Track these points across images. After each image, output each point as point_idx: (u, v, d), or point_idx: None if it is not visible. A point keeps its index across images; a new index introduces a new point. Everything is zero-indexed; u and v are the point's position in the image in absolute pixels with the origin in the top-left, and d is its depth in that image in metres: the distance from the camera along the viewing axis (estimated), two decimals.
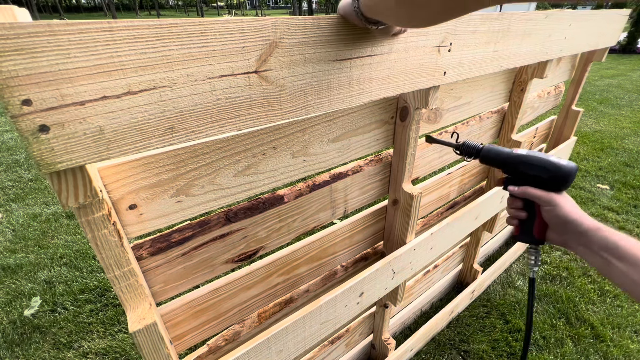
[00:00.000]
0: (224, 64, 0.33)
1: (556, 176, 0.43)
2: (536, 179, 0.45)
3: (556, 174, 0.43)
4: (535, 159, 0.46)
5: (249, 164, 0.51)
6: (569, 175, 0.43)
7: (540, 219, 0.45)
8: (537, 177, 0.45)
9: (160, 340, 0.43)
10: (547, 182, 0.44)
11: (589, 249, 0.40)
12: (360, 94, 0.46)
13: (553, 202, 0.43)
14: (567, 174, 0.43)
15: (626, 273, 0.34)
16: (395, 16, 0.33)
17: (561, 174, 0.43)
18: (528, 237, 0.48)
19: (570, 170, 0.43)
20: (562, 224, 0.42)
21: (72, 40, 0.25)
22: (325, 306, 0.64)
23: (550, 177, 0.44)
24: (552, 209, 0.43)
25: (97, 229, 0.36)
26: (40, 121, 0.26)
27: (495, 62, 0.69)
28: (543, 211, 0.44)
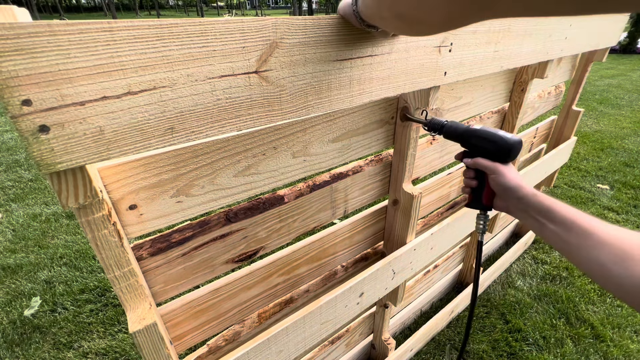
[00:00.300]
0: (224, 64, 0.33)
1: (502, 148, 0.48)
2: (486, 151, 0.50)
3: (502, 146, 0.48)
4: (485, 132, 0.51)
5: (249, 164, 0.51)
6: (512, 147, 0.48)
7: (488, 187, 0.51)
8: (487, 150, 0.50)
9: (161, 340, 0.43)
10: (495, 154, 0.49)
11: (527, 213, 0.44)
12: (360, 94, 0.46)
13: (497, 170, 0.48)
14: (511, 146, 0.48)
15: (557, 233, 0.38)
16: (393, 28, 0.34)
17: (506, 146, 0.48)
18: (478, 204, 0.54)
19: (513, 143, 0.48)
20: (504, 190, 0.48)
21: (72, 40, 0.25)
22: (326, 306, 0.64)
23: (496, 149, 0.49)
24: (496, 177, 0.49)
25: (97, 229, 0.36)
26: (40, 121, 0.26)
27: (496, 62, 0.69)
28: (490, 179, 0.50)
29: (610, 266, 0.32)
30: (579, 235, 0.36)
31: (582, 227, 0.36)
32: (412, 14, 0.25)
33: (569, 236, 0.37)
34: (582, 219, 0.37)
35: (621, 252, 0.31)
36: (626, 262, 0.31)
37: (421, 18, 0.26)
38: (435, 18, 0.24)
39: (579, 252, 0.35)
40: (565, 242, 0.37)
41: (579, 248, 0.35)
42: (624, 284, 0.30)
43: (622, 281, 0.31)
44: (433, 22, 0.26)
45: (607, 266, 0.32)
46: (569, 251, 0.37)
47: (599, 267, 0.33)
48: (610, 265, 0.32)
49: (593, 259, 0.33)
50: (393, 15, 0.28)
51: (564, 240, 0.37)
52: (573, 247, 0.36)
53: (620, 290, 0.31)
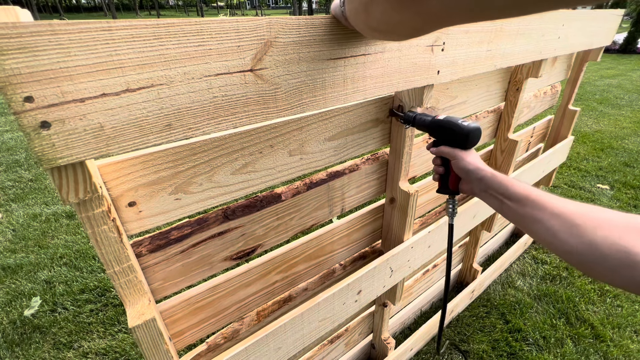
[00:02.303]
0: (220, 62, 0.34)
1: (460, 134, 0.52)
2: (448, 139, 0.54)
3: (459, 133, 0.52)
4: (445, 122, 0.54)
5: (246, 162, 0.51)
6: (469, 134, 0.51)
7: (453, 173, 0.54)
8: (448, 138, 0.54)
9: (159, 335, 0.44)
10: (455, 141, 0.53)
11: (487, 192, 0.47)
12: (354, 92, 0.47)
13: (457, 156, 0.52)
14: (467, 133, 0.51)
15: (513, 209, 0.42)
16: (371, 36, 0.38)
17: (463, 132, 0.51)
18: (445, 189, 0.58)
19: (470, 130, 0.51)
20: (465, 173, 0.51)
21: (73, 39, 0.26)
22: (323, 303, 0.65)
23: (455, 136, 0.53)
24: (456, 161, 0.52)
25: (97, 225, 0.37)
26: (41, 117, 0.27)
27: (489, 62, 0.69)
28: (452, 165, 0.53)
29: (561, 234, 0.35)
30: (533, 208, 0.39)
31: (535, 202, 0.39)
32: (383, 28, 0.29)
33: (524, 210, 0.40)
34: (535, 194, 0.40)
35: (570, 221, 0.35)
36: (574, 229, 0.34)
37: (391, 31, 0.29)
38: (403, 31, 0.27)
39: (534, 224, 0.38)
40: (521, 216, 0.40)
41: (534, 221, 0.38)
42: (573, 248, 0.34)
43: (571, 247, 0.34)
44: (402, 33, 0.30)
45: (559, 234, 0.35)
46: (524, 224, 0.40)
47: (552, 236, 0.36)
48: (561, 233, 0.35)
49: (546, 229, 0.36)
50: (368, 28, 0.31)
51: (520, 215, 0.41)
52: (528, 220, 0.39)
53: (571, 254, 0.34)
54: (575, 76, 1.31)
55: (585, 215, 0.35)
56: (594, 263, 0.32)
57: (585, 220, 0.34)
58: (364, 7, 0.27)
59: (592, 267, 0.33)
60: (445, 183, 0.57)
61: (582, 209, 0.36)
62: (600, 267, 0.32)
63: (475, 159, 0.51)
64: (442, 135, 0.55)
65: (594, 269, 0.33)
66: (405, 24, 0.25)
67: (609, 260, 0.31)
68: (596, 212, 0.35)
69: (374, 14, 0.26)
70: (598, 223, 0.33)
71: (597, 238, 0.32)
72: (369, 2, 0.26)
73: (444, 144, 0.55)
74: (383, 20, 0.27)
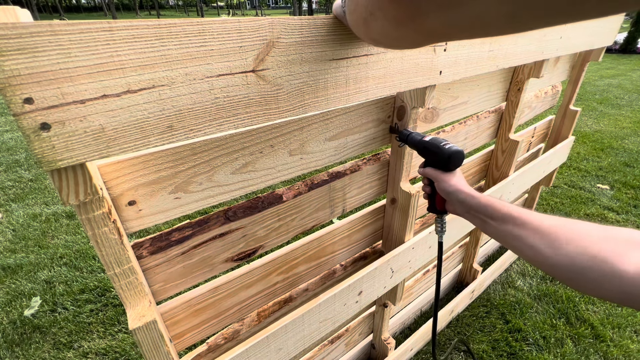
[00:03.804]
0: (222, 63, 0.33)
1: (442, 158, 0.52)
2: (432, 160, 0.55)
3: (442, 156, 0.52)
4: (430, 144, 0.55)
5: (247, 162, 0.51)
6: (450, 157, 0.52)
7: (438, 194, 0.55)
8: (432, 159, 0.55)
9: (160, 338, 0.43)
10: (438, 163, 0.53)
11: (470, 213, 0.48)
12: (356, 93, 0.47)
13: (439, 178, 0.53)
14: (449, 156, 0.52)
15: (496, 227, 0.42)
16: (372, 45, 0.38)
17: (445, 156, 0.52)
18: (433, 209, 0.58)
19: (451, 154, 0.52)
20: (447, 195, 0.52)
21: (73, 39, 0.26)
22: (324, 304, 0.64)
23: (438, 158, 0.53)
24: (438, 184, 0.53)
25: (98, 227, 0.36)
26: (41, 119, 0.27)
27: (491, 62, 0.69)
28: (436, 186, 0.54)
29: (543, 249, 0.35)
30: (515, 225, 0.39)
31: (516, 219, 0.40)
32: (383, 40, 0.29)
33: (506, 228, 0.40)
34: (516, 211, 0.41)
35: (549, 235, 0.35)
36: (555, 244, 0.34)
37: (391, 43, 0.29)
38: (403, 44, 0.28)
39: (516, 241, 0.39)
40: (504, 234, 0.41)
41: (515, 238, 0.39)
42: (555, 262, 0.34)
43: (553, 260, 0.34)
44: (402, 46, 0.30)
45: (541, 250, 0.35)
46: (508, 242, 0.40)
47: (534, 252, 0.36)
48: (543, 248, 0.35)
49: (528, 245, 0.37)
50: (369, 38, 0.32)
51: (503, 233, 0.41)
52: (510, 238, 0.40)
53: (554, 268, 0.34)
54: (576, 76, 1.31)
55: (562, 229, 0.35)
56: (577, 275, 0.32)
57: (563, 233, 0.34)
58: (363, 21, 0.27)
59: (575, 280, 0.32)
60: (433, 203, 0.57)
61: (560, 222, 0.36)
62: (583, 280, 0.32)
63: (458, 180, 0.52)
64: (427, 156, 0.56)
65: (577, 282, 0.32)
66: (405, 39, 0.26)
67: (590, 272, 0.31)
68: (573, 224, 0.35)
69: (373, 28, 0.26)
70: (575, 235, 0.33)
71: (574, 249, 0.32)
72: (368, 17, 0.26)
73: (430, 165, 0.56)
74: (383, 34, 0.27)
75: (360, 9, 0.26)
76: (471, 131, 1.00)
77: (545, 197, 2.17)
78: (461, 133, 0.96)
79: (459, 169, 0.53)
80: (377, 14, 0.24)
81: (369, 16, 0.25)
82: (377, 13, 0.24)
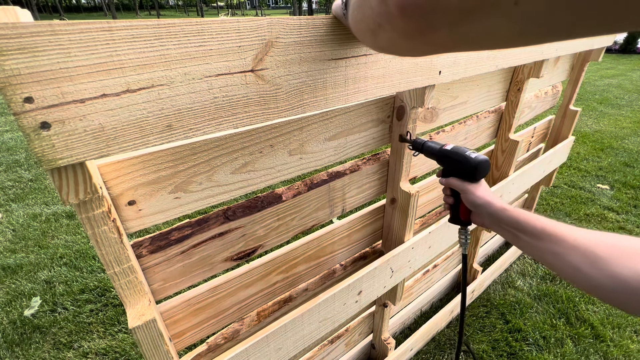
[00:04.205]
0: (221, 62, 0.34)
1: (467, 168, 0.50)
2: (456, 170, 0.53)
3: (467, 166, 0.50)
4: (453, 153, 0.53)
5: (246, 162, 0.51)
6: (477, 167, 0.50)
7: (463, 204, 0.53)
8: (456, 168, 0.52)
9: (160, 336, 0.43)
10: (463, 173, 0.51)
11: (500, 227, 0.46)
12: (355, 93, 0.47)
13: (466, 189, 0.51)
14: (475, 166, 0.50)
15: (530, 243, 0.40)
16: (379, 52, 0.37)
17: (470, 166, 0.50)
18: (457, 220, 0.56)
19: (478, 163, 0.50)
20: (475, 207, 0.50)
21: (73, 39, 0.26)
22: (324, 304, 0.64)
23: (463, 168, 0.51)
24: (466, 195, 0.51)
25: (97, 226, 0.37)
26: (41, 118, 0.27)
27: (491, 62, 0.69)
28: (462, 197, 0.52)
29: (584, 268, 0.33)
30: (551, 242, 0.37)
31: (552, 235, 0.38)
32: (392, 50, 0.29)
33: (541, 244, 0.38)
34: (551, 226, 0.39)
35: (591, 254, 0.33)
36: (597, 263, 0.32)
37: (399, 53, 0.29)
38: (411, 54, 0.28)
39: (554, 259, 0.37)
40: (539, 251, 0.39)
41: (553, 255, 0.37)
42: (599, 283, 0.32)
43: (597, 281, 0.32)
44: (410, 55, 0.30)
45: (582, 269, 0.33)
46: (544, 259, 0.38)
47: (575, 270, 0.34)
48: (584, 267, 0.33)
49: (567, 263, 0.35)
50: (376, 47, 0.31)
51: (538, 249, 0.39)
52: (548, 255, 0.38)
53: (597, 289, 0.32)
54: (576, 76, 1.31)
55: (607, 246, 0.32)
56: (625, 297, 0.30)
57: (608, 251, 0.32)
58: (371, 32, 0.27)
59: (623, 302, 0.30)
60: (457, 214, 0.54)
61: (604, 238, 0.33)
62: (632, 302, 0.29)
63: (485, 192, 0.50)
64: (450, 166, 0.54)
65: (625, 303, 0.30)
66: (414, 50, 0.26)
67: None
68: (619, 240, 0.32)
69: (382, 39, 0.26)
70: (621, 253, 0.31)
71: (622, 270, 0.30)
72: (376, 29, 0.25)
73: (452, 175, 0.53)
74: (391, 44, 0.27)
75: (368, 20, 0.26)
76: (471, 131, 1.00)
77: (545, 197, 2.17)
78: (461, 133, 0.96)
79: (483, 179, 0.52)
80: (386, 27, 0.24)
81: (377, 28, 0.25)
82: (385, 26, 0.24)
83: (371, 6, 0.24)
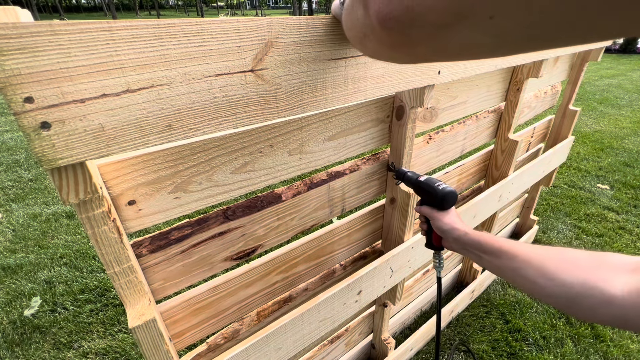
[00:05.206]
0: (220, 62, 0.34)
1: (436, 198, 0.55)
2: (428, 199, 0.57)
3: (435, 196, 0.55)
4: (424, 184, 0.58)
5: (246, 162, 0.51)
6: (444, 197, 0.54)
7: (434, 230, 0.57)
8: (428, 198, 0.57)
9: (160, 336, 0.44)
10: (433, 202, 0.56)
11: (466, 250, 0.49)
12: (355, 93, 0.47)
13: (434, 216, 0.55)
14: (442, 197, 0.54)
15: (490, 262, 0.44)
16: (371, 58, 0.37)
17: (438, 196, 0.55)
18: (430, 245, 0.60)
19: (445, 194, 0.54)
20: (442, 232, 0.54)
21: (73, 39, 0.26)
22: (324, 304, 0.65)
23: (432, 198, 0.56)
24: (433, 222, 0.55)
25: (97, 226, 0.37)
26: (41, 118, 0.27)
27: (490, 62, 0.69)
28: (432, 224, 0.56)
29: (537, 280, 0.36)
30: (508, 259, 0.41)
31: (507, 252, 0.41)
32: (379, 57, 0.31)
33: (500, 262, 0.42)
34: (507, 245, 0.42)
35: (542, 266, 0.36)
36: (547, 274, 0.35)
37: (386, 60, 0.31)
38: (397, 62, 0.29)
39: (512, 274, 0.40)
40: (499, 268, 0.42)
41: (511, 270, 0.40)
42: (552, 292, 0.35)
43: (550, 291, 0.35)
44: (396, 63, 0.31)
45: (535, 280, 0.36)
46: (505, 275, 0.41)
47: (530, 283, 0.37)
48: (537, 279, 0.36)
49: (524, 277, 0.38)
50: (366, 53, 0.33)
51: (498, 267, 0.42)
52: (507, 271, 0.41)
53: (551, 297, 0.35)
54: (575, 76, 1.31)
55: (553, 258, 0.36)
56: (573, 304, 0.33)
57: (552, 263, 0.35)
58: (359, 40, 0.29)
59: (573, 308, 0.33)
60: (430, 239, 0.59)
61: (549, 252, 0.37)
62: (580, 308, 0.32)
63: (452, 218, 0.54)
64: (423, 195, 0.59)
65: (575, 309, 0.33)
66: (398, 59, 0.28)
67: (585, 299, 0.32)
68: (562, 253, 0.36)
69: (369, 47, 0.28)
70: (566, 264, 0.34)
71: (567, 278, 0.33)
72: (363, 37, 0.27)
73: (425, 203, 0.58)
74: (378, 53, 0.29)
75: (357, 30, 0.28)
76: (470, 131, 1.00)
77: (545, 197, 2.17)
78: (460, 133, 0.96)
79: (453, 207, 0.56)
80: (371, 37, 0.25)
81: (364, 37, 0.26)
82: (370, 36, 0.25)
83: (357, 17, 0.26)
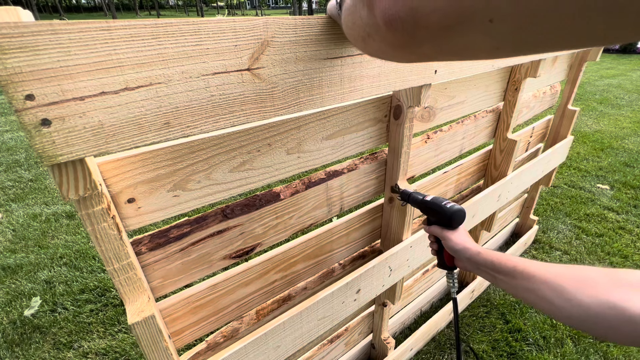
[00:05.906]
0: (217, 61, 0.34)
1: (444, 217, 0.55)
2: (436, 219, 0.57)
3: (444, 215, 0.55)
4: (431, 203, 0.57)
5: (244, 160, 0.52)
6: (452, 216, 0.54)
7: (445, 250, 0.56)
8: (436, 218, 0.57)
9: (159, 333, 0.44)
10: (442, 221, 0.55)
11: (479, 269, 0.48)
12: (351, 92, 0.48)
13: (445, 236, 0.54)
14: (451, 216, 0.54)
15: (506, 282, 0.43)
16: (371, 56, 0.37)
17: (446, 215, 0.54)
18: (443, 265, 0.59)
19: (453, 213, 0.54)
20: (454, 252, 0.53)
21: (73, 38, 0.27)
22: (322, 302, 0.65)
23: (440, 218, 0.55)
24: (445, 242, 0.55)
25: (97, 222, 0.37)
26: (42, 115, 0.27)
27: (488, 61, 0.70)
28: (443, 244, 0.56)
29: (555, 301, 0.35)
30: (523, 279, 0.40)
31: (523, 273, 0.40)
32: (381, 57, 0.31)
33: (516, 282, 0.41)
34: (521, 264, 0.41)
35: (558, 286, 0.36)
36: (565, 294, 0.35)
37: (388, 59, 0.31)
38: (399, 61, 0.29)
39: (528, 295, 0.39)
40: (515, 288, 0.42)
41: (527, 291, 0.39)
42: (570, 313, 0.34)
43: (568, 312, 0.34)
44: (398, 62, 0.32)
45: (553, 301, 0.36)
46: (521, 295, 0.41)
47: (548, 304, 0.36)
48: (555, 300, 0.36)
49: (540, 298, 0.37)
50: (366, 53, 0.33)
51: (514, 287, 0.42)
52: (522, 291, 0.40)
53: (570, 319, 0.34)
54: (574, 76, 1.31)
55: (570, 278, 0.35)
56: (594, 324, 0.32)
57: (571, 282, 0.35)
58: (361, 39, 0.29)
59: (593, 329, 0.32)
60: (442, 259, 0.58)
61: (566, 271, 0.36)
62: (601, 328, 0.32)
63: (463, 237, 0.53)
64: (430, 215, 0.58)
65: (595, 330, 0.32)
66: (401, 58, 0.28)
67: (605, 319, 0.31)
68: (579, 272, 0.35)
69: (371, 46, 0.28)
70: (583, 284, 0.34)
71: (585, 299, 0.33)
72: (366, 37, 0.27)
73: (435, 223, 0.57)
74: (380, 52, 0.29)
75: (359, 29, 0.28)
76: (469, 131, 1.01)
77: (545, 197, 2.17)
78: (459, 132, 0.97)
79: (462, 225, 0.55)
80: (375, 37, 0.25)
81: (367, 36, 0.27)
82: (374, 36, 0.25)
83: (361, 16, 0.26)
